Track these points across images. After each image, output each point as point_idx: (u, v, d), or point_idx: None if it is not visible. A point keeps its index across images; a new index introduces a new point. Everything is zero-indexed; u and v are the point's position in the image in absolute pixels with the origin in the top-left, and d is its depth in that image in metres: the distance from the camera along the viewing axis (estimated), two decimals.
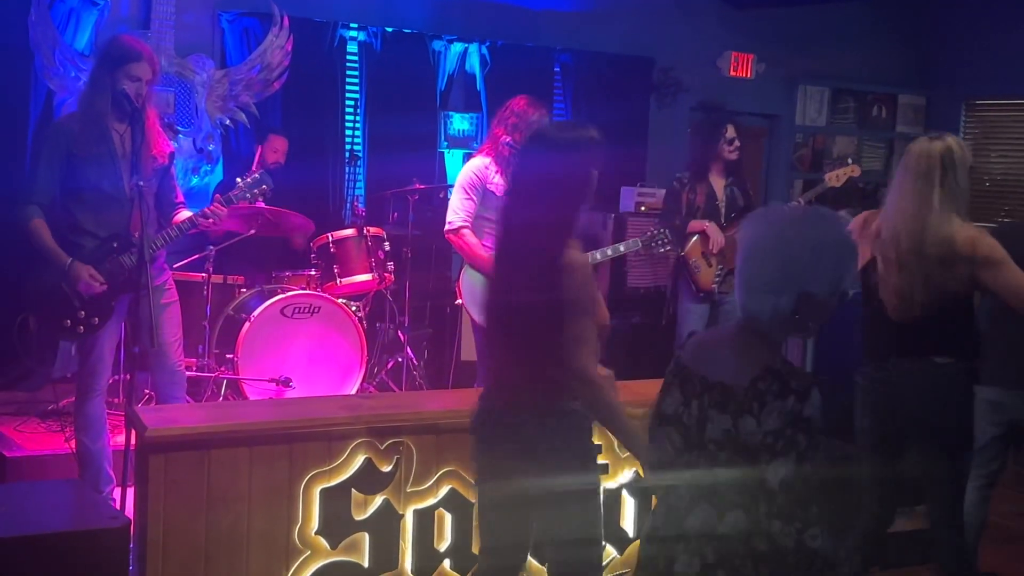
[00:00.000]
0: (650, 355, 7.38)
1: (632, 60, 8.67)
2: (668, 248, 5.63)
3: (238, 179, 5.01)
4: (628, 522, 4.22)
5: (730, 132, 6.31)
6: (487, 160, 5.33)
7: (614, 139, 9.69)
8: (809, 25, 9.36)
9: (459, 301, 5.50)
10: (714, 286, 6.29)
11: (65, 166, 4.55)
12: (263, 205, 5.79)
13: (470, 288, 5.34)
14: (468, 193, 5.30)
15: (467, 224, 5.28)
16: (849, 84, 9.99)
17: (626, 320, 7.78)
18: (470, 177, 5.31)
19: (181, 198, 4.93)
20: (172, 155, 4.85)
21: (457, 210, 5.30)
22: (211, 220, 4.75)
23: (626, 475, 4.20)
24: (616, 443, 4.16)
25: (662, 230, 5.61)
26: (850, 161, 6.53)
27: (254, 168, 6.58)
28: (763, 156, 9.80)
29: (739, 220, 6.30)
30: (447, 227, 5.33)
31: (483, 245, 5.26)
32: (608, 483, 4.17)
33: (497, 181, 5.27)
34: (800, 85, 9.75)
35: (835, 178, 6.34)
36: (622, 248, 5.64)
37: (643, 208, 7.95)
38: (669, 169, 6.81)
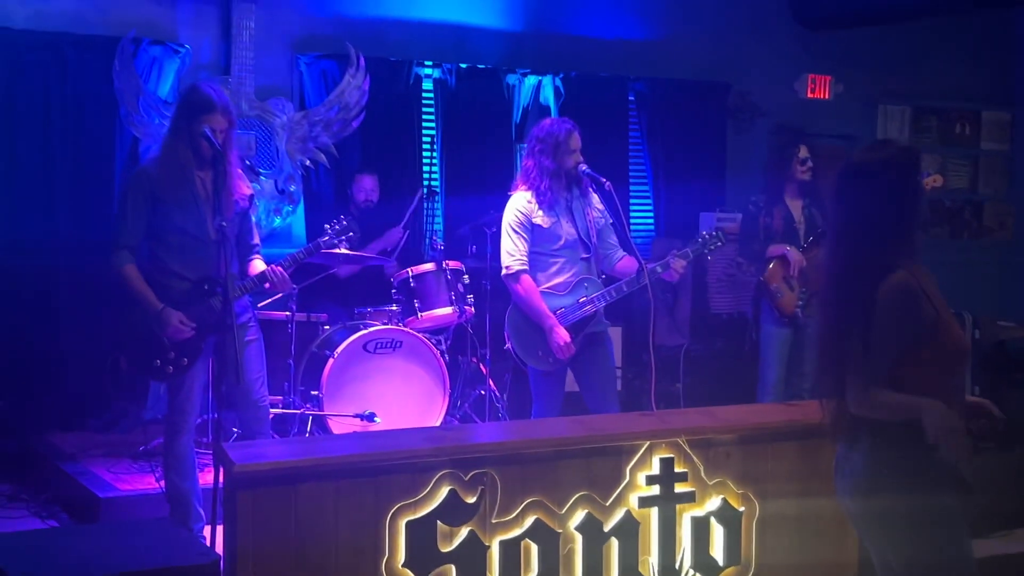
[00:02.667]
0: (733, 381, 7.31)
1: (707, 85, 8.63)
2: (719, 246, 5.40)
3: (326, 225, 5.20)
4: (718, 550, 4.16)
5: (803, 152, 6.23)
6: (528, 195, 5.22)
7: (691, 165, 9.71)
8: (887, 44, 9.23)
9: (507, 346, 5.43)
10: (797, 310, 6.19)
11: (150, 210, 4.66)
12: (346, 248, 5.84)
13: (519, 330, 5.28)
14: (519, 232, 5.19)
15: (526, 268, 5.20)
16: (931, 102, 9.82)
17: (709, 345, 7.72)
18: (516, 216, 5.21)
19: (257, 240, 5.03)
20: (252, 198, 4.95)
21: (512, 252, 5.20)
22: (271, 284, 4.83)
23: (713, 503, 4.15)
24: (703, 470, 4.12)
25: (714, 233, 5.38)
26: (931, 172, 6.35)
27: (350, 207, 6.72)
28: None
29: (819, 242, 6.21)
30: (505, 271, 5.23)
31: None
32: (696, 511, 4.12)
33: (541, 215, 5.21)
34: (880, 104, 9.62)
35: None
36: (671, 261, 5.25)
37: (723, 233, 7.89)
38: (748, 194, 6.74)
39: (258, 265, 4.90)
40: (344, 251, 5.30)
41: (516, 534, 3.85)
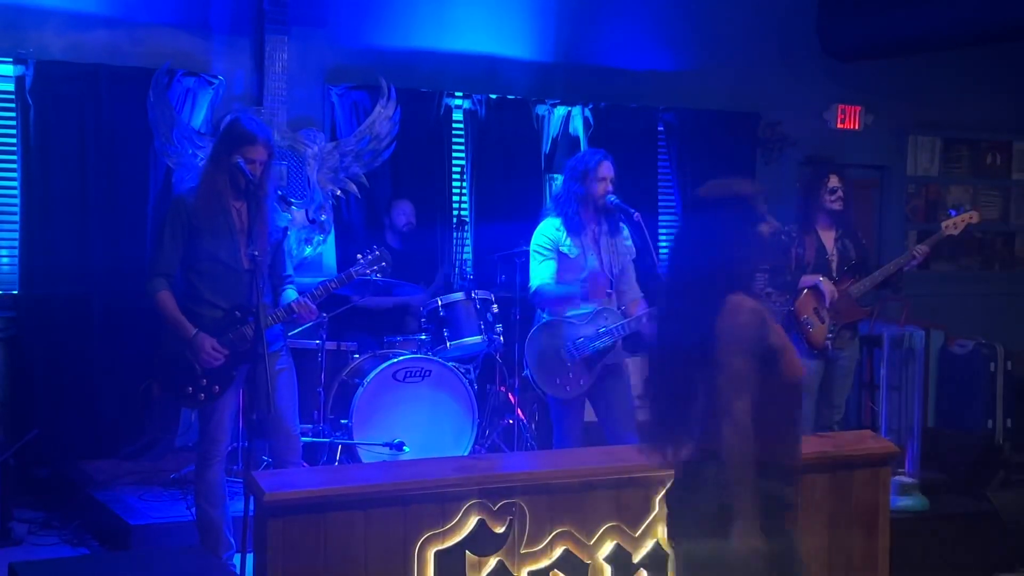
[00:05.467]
0: None
1: (737, 116, 8.63)
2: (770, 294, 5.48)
3: (358, 255, 5.21)
4: None
5: (832, 182, 6.21)
6: (557, 221, 5.31)
7: None
8: (917, 75, 9.22)
9: (525, 372, 5.45)
10: (827, 342, 6.16)
11: (186, 239, 4.71)
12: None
13: (540, 356, 5.29)
14: (545, 255, 5.28)
15: (551, 281, 5.27)
16: (961, 132, 9.79)
17: None
18: (545, 239, 5.30)
19: (290, 271, 5.07)
20: (286, 230, 5.01)
21: (540, 273, 5.28)
22: (299, 313, 4.86)
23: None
24: None
25: None
26: (967, 207, 6.28)
27: (386, 235, 6.78)
28: (875, 208, 9.64)
29: (852, 274, 6.18)
30: (533, 291, 5.32)
31: None
32: None
33: (569, 244, 5.25)
34: (911, 135, 9.60)
35: (952, 226, 6.13)
36: None
37: None
38: (778, 224, 6.74)
39: (290, 295, 4.94)
40: (377, 277, 5.34)
41: (544, 564, 3.85)
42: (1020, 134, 9.96)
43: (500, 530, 3.77)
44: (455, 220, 7.45)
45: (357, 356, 6.41)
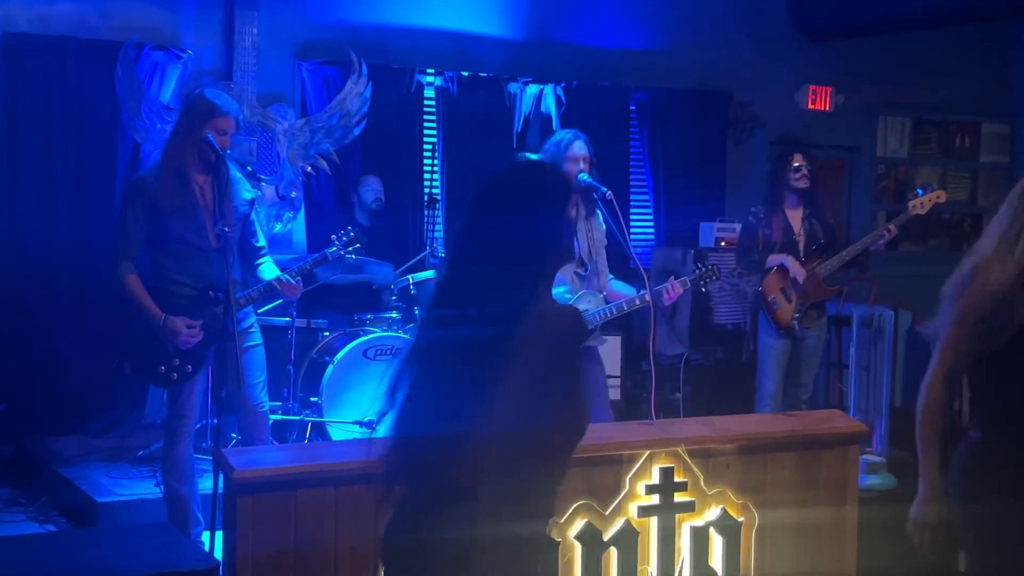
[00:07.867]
0: (731, 391, 7.33)
1: (708, 95, 8.64)
2: (715, 280, 5.42)
3: (332, 236, 5.21)
4: (717, 561, 4.16)
5: (796, 160, 6.23)
6: None
7: (692, 175, 9.69)
8: (888, 56, 9.25)
9: None
10: (794, 322, 6.19)
11: (150, 219, 4.65)
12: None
13: None
14: None
15: None
16: (930, 114, 9.85)
17: (708, 356, 7.74)
18: None
19: (263, 243, 5.03)
20: (253, 202, 4.95)
21: None
22: (282, 291, 4.84)
23: (713, 513, 4.15)
24: (703, 479, 4.12)
25: (711, 267, 5.42)
26: (934, 187, 6.34)
27: (355, 212, 6.77)
28: (844, 189, 9.69)
29: (820, 253, 6.21)
30: None
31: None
32: (695, 521, 4.12)
33: None
34: (881, 116, 9.64)
35: (919, 205, 6.17)
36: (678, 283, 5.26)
37: (723, 243, 7.90)
38: (748, 204, 6.76)
39: (268, 270, 4.90)
40: (352, 259, 5.33)
41: None
42: (989, 116, 10.02)
43: None
44: (426, 198, 7.43)
45: (327, 334, 6.39)
